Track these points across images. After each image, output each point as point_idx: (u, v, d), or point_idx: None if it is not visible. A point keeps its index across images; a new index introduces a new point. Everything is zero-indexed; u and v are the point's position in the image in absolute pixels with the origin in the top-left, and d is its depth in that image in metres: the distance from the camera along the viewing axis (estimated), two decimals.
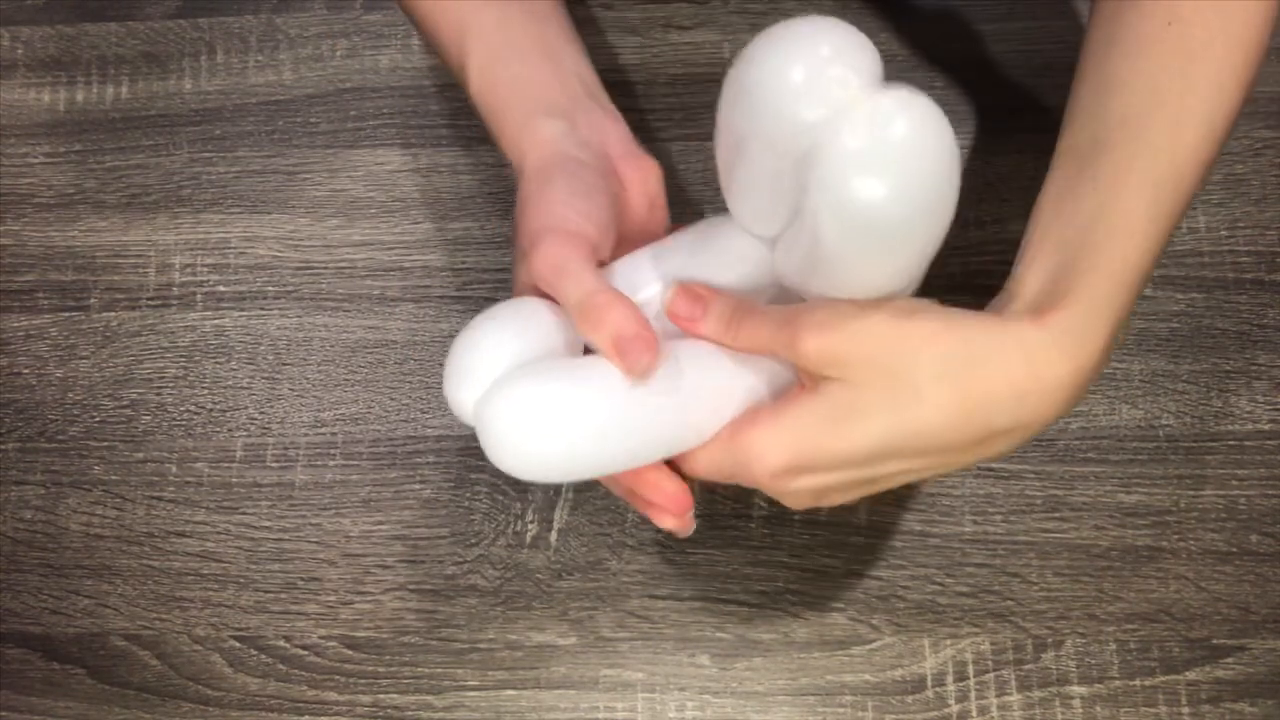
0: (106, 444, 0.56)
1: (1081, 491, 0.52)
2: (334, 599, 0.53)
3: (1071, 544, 0.51)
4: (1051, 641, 0.50)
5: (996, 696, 0.49)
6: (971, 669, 0.50)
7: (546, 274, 0.38)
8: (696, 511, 0.47)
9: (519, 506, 0.53)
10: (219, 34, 0.63)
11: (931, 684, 0.49)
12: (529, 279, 0.39)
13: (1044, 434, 0.50)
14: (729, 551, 0.52)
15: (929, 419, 0.34)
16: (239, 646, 0.52)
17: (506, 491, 0.53)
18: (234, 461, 0.55)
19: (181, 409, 0.56)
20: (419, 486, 0.54)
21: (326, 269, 0.58)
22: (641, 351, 0.35)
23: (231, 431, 0.56)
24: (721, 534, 0.52)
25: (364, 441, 0.55)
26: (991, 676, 0.49)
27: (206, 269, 0.59)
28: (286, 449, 0.55)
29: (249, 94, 0.62)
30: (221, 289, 0.58)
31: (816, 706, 0.50)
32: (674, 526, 0.39)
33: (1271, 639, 0.49)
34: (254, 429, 0.56)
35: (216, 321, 0.58)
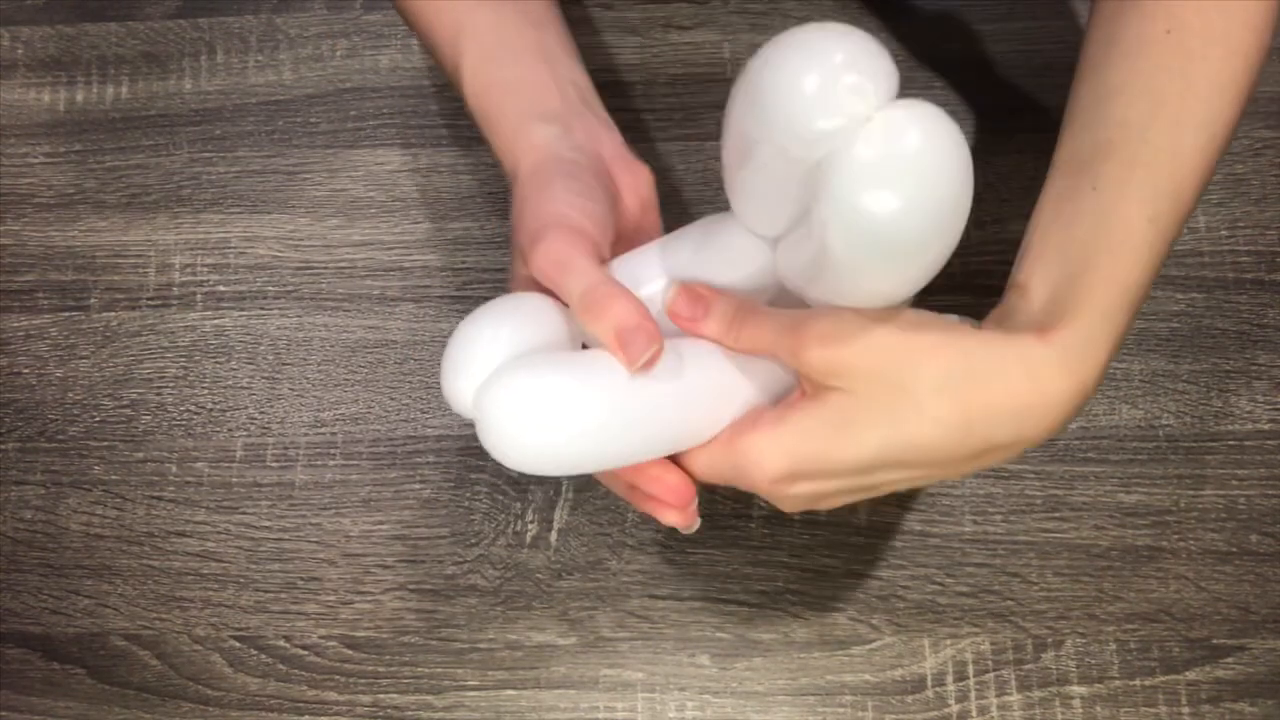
0: (106, 444, 0.56)
1: (1081, 491, 0.52)
2: (334, 599, 0.53)
3: (1071, 544, 0.51)
4: (1051, 641, 0.50)
5: (996, 696, 0.49)
6: (971, 669, 0.50)
7: (549, 269, 0.37)
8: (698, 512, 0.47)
9: (519, 506, 0.53)
10: (219, 34, 0.63)
11: (931, 684, 0.49)
12: (528, 275, 0.39)
13: None
14: (729, 551, 0.52)
15: (930, 432, 0.34)
16: (239, 646, 0.52)
17: (506, 491, 0.53)
18: (234, 461, 0.55)
19: (181, 409, 0.56)
20: (419, 486, 0.54)
21: (326, 269, 0.58)
22: (644, 344, 0.35)
23: (231, 431, 0.56)
24: (721, 534, 0.52)
25: (364, 441, 0.55)
26: (991, 676, 0.49)
27: (206, 269, 0.59)
28: (286, 449, 0.55)
29: (249, 94, 0.62)
30: (221, 289, 0.58)
31: (816, 706, 0.50)
32: (677, 521, 0.39)
33: (1271, 639, 0.49)
34: (254, 429, 0.56)
35: (216, 321, 0.58)
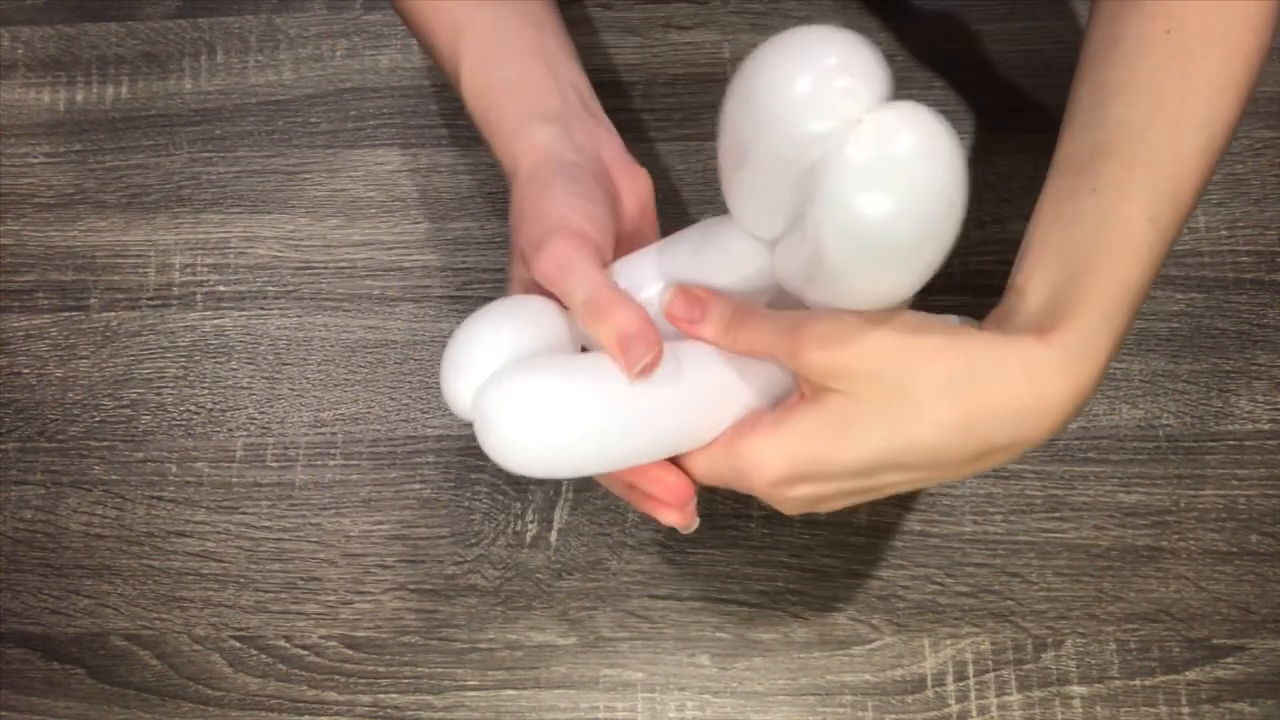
0: (106, 444, 0.56)
1: (1081, 491, 0.52)
2: (334, 599, 0.53)
3: (1071, 544, 0.51)
4: (1051, 641, 0.50)
5: (996, 696, 0.49)
6: (971, 669, 0.50)
7: (553, 273, 0.37)
8: (696, 512, 0.47)
9: (519, 506, 0.53)
10: (219, 34, 0.63)
11: (931, 684, 0.49)
12: (528, 277, 0.39)
13: None
14: (729, 551, 0.52)
15: (929, 434, 0.34)
16: (239, 646, 0.52)
17: (506, 491, 0.53)
18: (234, 461, 0.55)
19: (181, 409, 0.56)
20: (419, 486, 0.54)
21: (326, 269, 0.58)
22: (644, 349, 0.35)
23: (231, 431, 0.56)
24: (721, 534, 0.52)
25: (364, 441, 0.55)
26: (991, 676, 0.49)
27: (206, 269, 0.59)
28: (286, 449, 0.55)
29: (249, 94, 0.62)
30: (221, 289, 0.58)
31: (816, 706, 0.50)
32: (676, 521, 0.39)
33: (1271, 639, 0.49)
34: (254, 429, 0.56)
35: (216, 321, 0.58)
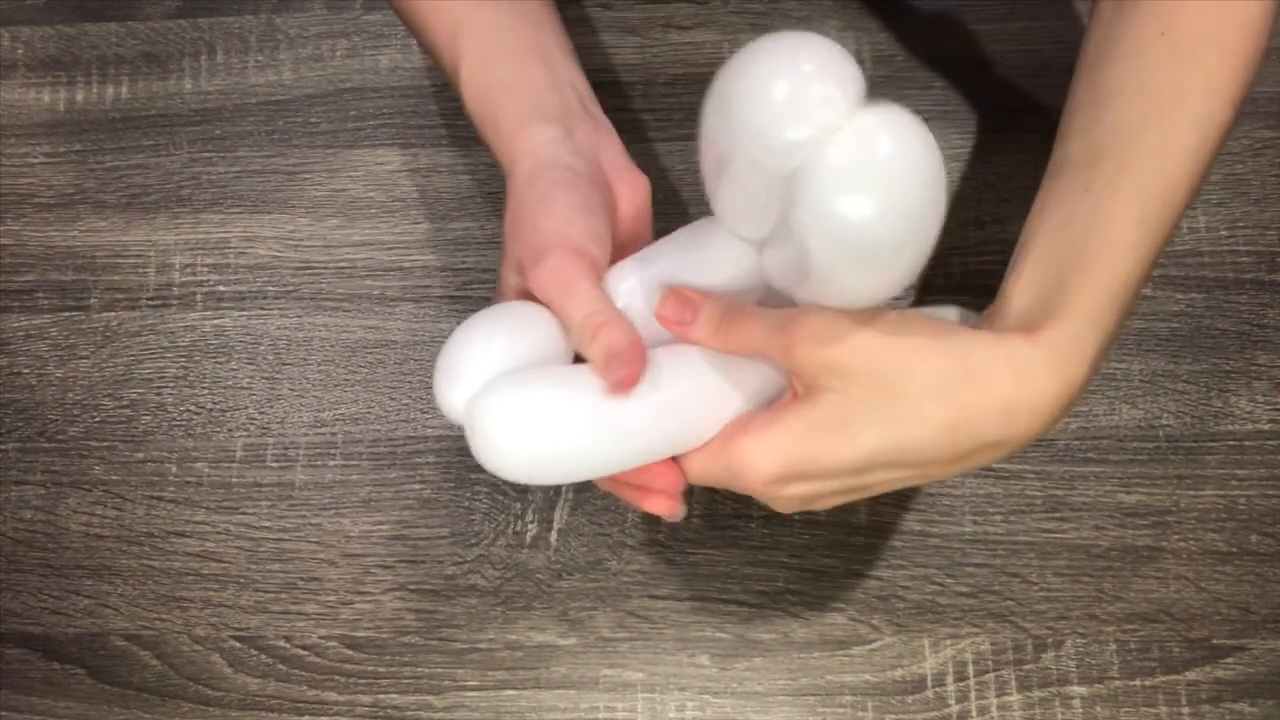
0: (106, 444, 0.56)
1: (1081, 491, 0.52)
2: (334, 599, 0.53)
3: (1071, 544, 0.51)
4: (1051, 641, 0.50)
5: (996, 696, 0.49)
6: (971, 669, 0.50)
7: (553, 291, 0.38)
8: (696, 512, 0.47)
9: (519, 506, 0.53)
10: (219, 34, 0.63)
11: (931, 684, 0.49)
12: (521, 285, 0.39)
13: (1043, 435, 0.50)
14: (729, 551, 0.52)
15: (919, 432, 0.35)
16: (239, 646, 0.52)
17: (506, 492, 0.53)
18: (234, 461, 0.55)
19: (181, 409, 0.56)
20: (419, 486, 0.54)
21: (326, 269, 0.58)
22: (623, 366, 0.35)
23: (231, 431, 0.56)
24: (721, 534, 0.52)
25: (364, 441, 0.55)
26: (991, 676, 0.49)
27: (206, 269, 0.59)
28: (286, 449, 0.55)
29: (249, 94, 0.62)
30: (221, 289, 0.58)
31: (816, 706, 0.50)
32: (664, 509, 0.39)
33: (1271, 639, 0.49)
34: (254, 429, 0.56)
35: (216, 321, 0.58)
